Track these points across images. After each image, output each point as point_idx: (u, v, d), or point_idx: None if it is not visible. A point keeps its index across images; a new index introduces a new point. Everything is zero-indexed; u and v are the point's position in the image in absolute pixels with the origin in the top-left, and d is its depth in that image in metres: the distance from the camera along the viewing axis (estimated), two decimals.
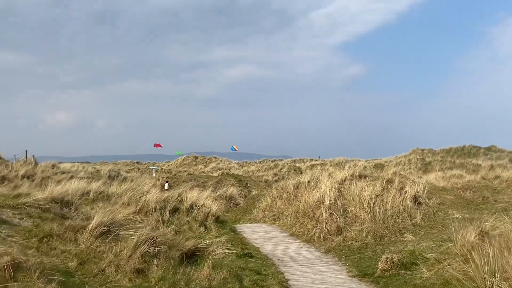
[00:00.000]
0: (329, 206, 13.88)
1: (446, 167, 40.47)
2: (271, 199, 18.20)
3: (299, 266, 10.83)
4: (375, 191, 13.75)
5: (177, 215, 14.51)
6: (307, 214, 14.49)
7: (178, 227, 13.90)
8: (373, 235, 12.08)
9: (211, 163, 53.34)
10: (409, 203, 12.78)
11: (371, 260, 10.66)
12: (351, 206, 13.64)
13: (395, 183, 14.31)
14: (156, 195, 14.75)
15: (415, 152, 49.67)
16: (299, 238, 13.87)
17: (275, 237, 14.31)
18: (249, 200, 23.35)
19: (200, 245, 8.59)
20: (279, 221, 16.26)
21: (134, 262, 7.43)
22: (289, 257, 11.81)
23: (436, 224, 11.92)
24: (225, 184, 31.46)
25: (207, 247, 8.63)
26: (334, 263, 11.01)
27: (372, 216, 12.80)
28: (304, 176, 18.74)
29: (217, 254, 8.63)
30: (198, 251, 8.52)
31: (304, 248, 12.68)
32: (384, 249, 11.33)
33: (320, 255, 11.82)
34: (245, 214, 21.29)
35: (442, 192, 14.69)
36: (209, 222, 14.53)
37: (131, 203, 14.51)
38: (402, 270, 9.33)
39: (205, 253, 8.52)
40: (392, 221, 12.42)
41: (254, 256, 11.61)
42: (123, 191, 15.20)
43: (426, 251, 10.08)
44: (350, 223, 13.02)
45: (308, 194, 15.74)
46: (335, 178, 15.85)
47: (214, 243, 12.25)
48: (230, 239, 13.25)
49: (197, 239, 8.93)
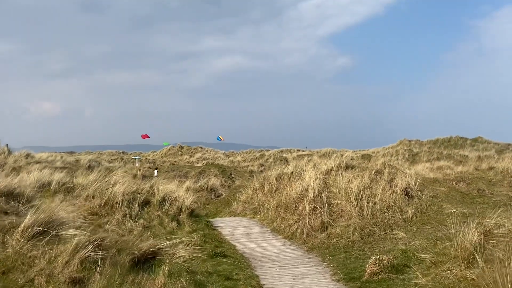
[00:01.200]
0: (313, 199, 12.55)
1: (434, 158, 39.51)
2: (252, 191, 16.82)
3: (278, 267, 9.50)
4: (363, 183, 12.45)
5: (147, 209, 13.08)
6: (289, 207, 13.15)
7: (147, 222, 12.48)
8: (360, 231, 10.79)
9: (196, 153, 51.80)
10: (400, 196, 11.51)
11: (358, 261, 9.37)
12: (337, 200, 12.33)
13: (384, 175, 13.01)
14: (125, 187, 13.28)
15: (403, 143, 48.69)
16: (280, 234, 12.54)
17: (254, 233, 12.96)
18: (231, 191, 21.95)
19: (158, 247, 7.17)
20: (260, 214, 14.91)
21: (71, 270, 6.01)
22: (268, 256, 10.47)
23: (430, 220, 10.66)
24: (208, 175, 30.02)
25: (167, 249, 7.21)
26: (317, 263, 9.69)
27: (360, 210, 11.50)
28: (287, 167, 17.39)
29: (180, 256, 7.22)
30: (155, 254, 7.10)
31: (285, 246, 11.35)
32: (372, 247, 10.05)
33: (302, 254, 10.50)
34: (226, 206, 19.89)
35: (434, 184, 13.46)
36: (182, 217, 13.12)
37: (96, 196, 13.04)
38: (393, 273, 8.04)
39: (164, 257, 7.11)
40: (382, 216, 11.13)
41: (229, 255, 10.25)
42: (90, 182, 13.69)
43: (420, 251, 8.80)
44: (336, 218, 11.71)
45: (291, 186, 14.40)
46: (320, 169, 14.52)
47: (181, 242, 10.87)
48: (204, 236, 11.89)
49: (156, 240, 7.51)
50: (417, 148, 46.07)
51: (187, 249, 10.64)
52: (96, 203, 12.69)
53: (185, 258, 7.39)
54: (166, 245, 7.32)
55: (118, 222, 12.09)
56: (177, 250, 7.38)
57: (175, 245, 10.78)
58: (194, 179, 27.83)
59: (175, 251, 7.22)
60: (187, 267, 7.20)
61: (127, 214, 12.38)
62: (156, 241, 7.32)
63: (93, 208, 12.43)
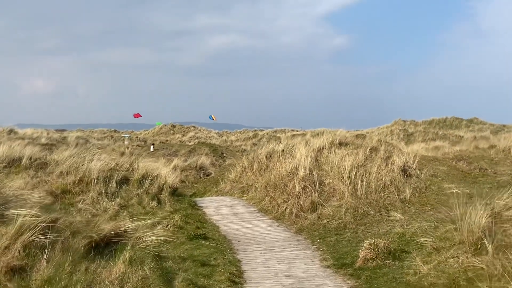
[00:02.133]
0: (303, 178, 11.60)
1: (429, 138, 38.67)
2: (241, 170, 15.84)
3: (262, 251, 8.59)
4: (357, 161, 11.50)
5: (125, 187, 12.08)
6: (278, 186, 12.21)
7: (125, 201, 11.49)
8: (353, 212, 9.87)
9: (189, 132, 50.62)
10: (397, 175, 10.57)
11: (351, 245, 8.46)
12: (328, 178, 11.38)
13: (380, 152, 12.06)
14: (102, 163, 12.26)
15: (397, 123, 47.74)
16: (268, 214, 11.61)
17: (241, 213, 12.03)
18: (221, 170, 20.99)
19: (123, 229, 6.19)
20: (248, 194, 13.97)
21: (11, 257, 5.03)
22: (253, 238, 9.56)
23: (429, 200, 9.75)
24: (199, 154, 28.97)
25: (133, 232, 6.23)
26: (305, 246, 8.78)
27: (353, 189, 10.57)
28: (278, 144, 16.41)
29: (148, 240, 6.24)
30: (119, 237, 6.12)
31: (272, 227, 10.43)
32: (366, 230, 9.15)
33: (290, 236, 9.59)
34: (215, 185, 18.95)
35: (433, 162, 12.52)
36: (163, 196, 12.14)
37: (70, 172, 12.02)
38: (389, 260, 7.13)
39: (129, 240, 6.14)
40: (377, 196, 10.21)
41: (210, 237, 9.32)
42: (65, 158, 12.65)
43: (419, 235, 7.91)
44: (327, 197, 10.78)
45: (281, 164, 13.43)
46: (312, 146, 13.54)
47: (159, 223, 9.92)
48: (185, 216, 10.94)
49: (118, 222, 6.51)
50: (412, 128, 45.18)
51: (165, 230, 9.76)
52: (70, 180, 11.68)
53: (156, 242, 6.43)
54: (132, 227, 6.34)
55: (93, 200, 11.11)
56: (146, 232, 6.40)
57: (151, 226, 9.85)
58: (184, 157, 26.83)
59: (142, 234, 6.24)
60: (156, 252, 6.23)
61: (103, 192, 11.38)
62: (120, 223, 6.35)
63: (66, 185, 11.43)
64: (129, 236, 6.22)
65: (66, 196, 11.17)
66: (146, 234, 6.33)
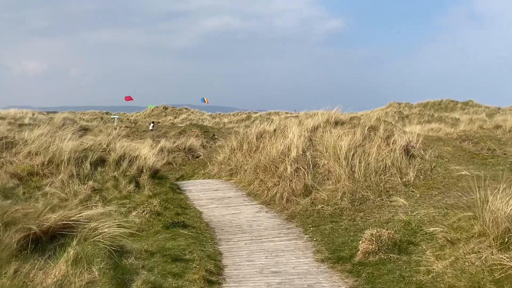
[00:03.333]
0: (295, 159, 10.43)
1: (424, 120, 37.59)
2: (230, 151, 14.65)
3: (248, 241, 7.45)
4: (355, 141, 10.33)
5: (101, 169, 10.86)
6: (269, 169, 11.03)
7: (99, 184, 10.29)
8: (350, 197, 8.73)
9: (181, 115, 49.24)
10: (399, 156, 9.42)
11: (348, 234, 7.34)
12: (323, 159, 10.22)
13: (379, 131, 10.90)
14: (74, 142, 11.00)
15: (392, 105, 46.56)
16: (257, 199, 10.47)
17: (227, 197, 10.87)
18: (210, 152, 19.79)
19: (73, 219, 5.00)
20: (236, 177, 12.80)
21: None
22: (239, 226, 8.42)
23: (436, 184, 8.62)
24: (189, 135, 27.70)
25: (86, 221, 5.03)
26: (297, 236, 7.66)
27: (350, 172, 9.43)
28: (270, 124, 15.20)
29: (106, 231, 5.06)
30: (68, 229, 4.93)
31: (261, 213, 9.30)
32: (365, 217, 8.02)
33: (280, 224, 8.46)
34: (203, 168, 17.80)
35: (437, 142, 11.38)
36: (143, 178, 10.94)
37: (40, 153, 10.77)
38: (394, 253, 6.01)
39: (81, 232, 4.95)
40: (377, 179, 9.07)
41: (189, 225, 8.17)
42: (35, 137, 11.38)
43: (427, 223, 6.79)
44: (322, 180, 9.63)
45: (272, 145, 12.25)
46: (306, 126, 12.34)
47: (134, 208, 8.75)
48: (165, 201, 9.78)
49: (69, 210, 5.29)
50: (407, 110, 44.09)
51: (140, 216, 8.61)
52: (39, 161, 10.45)
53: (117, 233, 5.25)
54: (86, 215, 5.15)
55: (62, 183, 9.90)
56: (104, 222, 5.20)
57: (126, 212, 8.67)
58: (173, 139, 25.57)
59: (97, 224, 5.05)
60: (116, 246, 5.06)
61: (74, 174, 10.16)
62: (72, 211, 5.14)
63: (33, 167, 10.19)
64: (82, 228, 5.03)
65: (33, 178, 9.94)
66: (102, 225, 5.13)
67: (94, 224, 5.06)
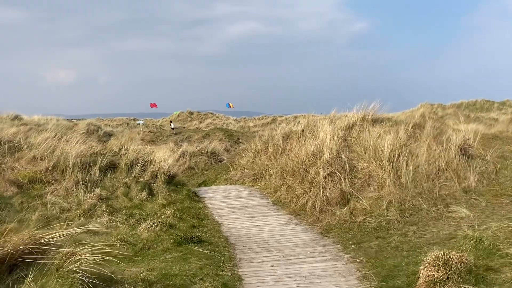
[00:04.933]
0: (329, 162, 8.95)
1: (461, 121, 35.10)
2: (254, 154, 13.28)
3: (275, 261, 6.02)
4: (398, 140, 8.77)
5: (111, 175, 9.68)
6: (298, 173, 9.59)
7: (108, 192, 9.09)
8: (399, 206, 7.18)
9: (207, 119, 48.26)
10: (455, 157, 7.80)
11: (401, 254, 5.81)
12: (362, 162, 8.70)
13: (426, 129, 9.30)
14: (81, 146, 9.87)
15: (424, 106, 44.21)
16: (285, 208, 9.04)
17: (251, 205, 9.47)
18: (234, 156, 18.49)
19: (43, 241, 3.71)
20: (261, 182, 11.39)
21: None
22: (263, 242, 7.00)
23: (504, 190, 6.98)
24: (213, 139, 26.53)
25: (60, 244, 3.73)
26: (335, 256, 6.17)
27: (396, 176, 7.88)
28: (297, 124, 13.77)
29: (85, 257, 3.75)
30: (35, 255, 3.64)
31: (290, 225, 7.85)
32: (419, 231, 6.46)
33: (313, 239, 6.99)
34: (226, 172, 16.50)
35: (494, 141, 9.67)
36: (157, 185, 9.70)
37: (45, 157, 9.68)
38: (471, 284, 4.46)
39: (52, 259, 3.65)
40: (429, 184, 7.49)
41: (206, 241, 6.81)
42: (41, 140, 10.32)
43: (504, 241, 5.22)
44: (361, 187, 8.12)
45: (301, 147, 10.80)
46: (338, 124, 10.84)
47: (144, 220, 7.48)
48: (180, 210, 8.48)
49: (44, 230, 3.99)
50: (440, 111, 41.68)
51: (149, 229, 7.32)
52: (42, 167, 9.36)
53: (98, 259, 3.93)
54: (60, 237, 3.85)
55: (67, 191, 8.74)
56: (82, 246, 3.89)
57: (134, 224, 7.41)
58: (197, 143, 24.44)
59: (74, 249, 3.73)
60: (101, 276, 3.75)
61: (80, 181, 9.00)
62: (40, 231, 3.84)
63: (36, 173, 9.10)
64: (54, 253, 3.73)
65: (35, 186, 8.84)
66: (83, 248, 3.82)
67: (69, 249, 3.76)
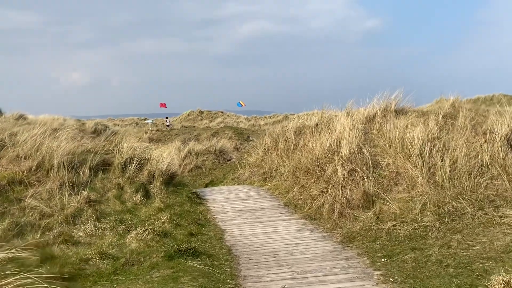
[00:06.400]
0: (348, 158, 7.69)
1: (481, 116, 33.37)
2: (263, 151, 12.09)
3: (288, 280, 4.80)
4: (429, 132, 7.48)
5: (103, 175, 8.55)
6: (312, 171, 8.34)
7: (98, 194, 7.97)
8: (436, 210, 5.89)
9: (217, 118, 47.17)
10: (501, 149, 6.49)
11: (446, 272, 4.54)
12: (387, 158, 7.43)
13: (459, 119, 7.99)
14: (68, 143, 8.77)
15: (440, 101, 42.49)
16: (298, 211, 7.81)
17: (259, 208, 8.26)
18: (243, 154, 17.30)
19: None
20: (271, 182, 10.18)
21: None
22: (274, 253, 5.78)
23: None
24: (222, 137, 25.38)
25: None
26: (362, 272, 4.92)
27: (429, 173, 6.59)
28: (310, 118, 12.54)
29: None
30: None
31: (304, 232, 6.62)
32: (465, 241, 5.17)
33: (332, 250, 5.75)
34: (234, 172, 15.32)
35: None
36: (154, 186, 8.56)
37: (30, 156, 8.60)
38: None
39: None
40: (471, 183, 6.18)
41: (203, 253, 5.61)
42: (27, 138, 9.25)
43: None
44: (388, 186, 6.84)
45: (315, 142, 9.56)
46: (357, 116, 9.58)
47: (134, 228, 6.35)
48: (179, 215, 7.33)
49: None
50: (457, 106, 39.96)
51: (139, 239, 6.16)
52: (26, 167, 8.27)
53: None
54: None
55: (50, 194, 7.63)
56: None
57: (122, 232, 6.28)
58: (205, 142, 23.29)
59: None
60: None
61: (67, 182, 7.88)
62: None
63: (17, 173, 8.01)
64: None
65: (15, 188, 7.75)
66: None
67: None
